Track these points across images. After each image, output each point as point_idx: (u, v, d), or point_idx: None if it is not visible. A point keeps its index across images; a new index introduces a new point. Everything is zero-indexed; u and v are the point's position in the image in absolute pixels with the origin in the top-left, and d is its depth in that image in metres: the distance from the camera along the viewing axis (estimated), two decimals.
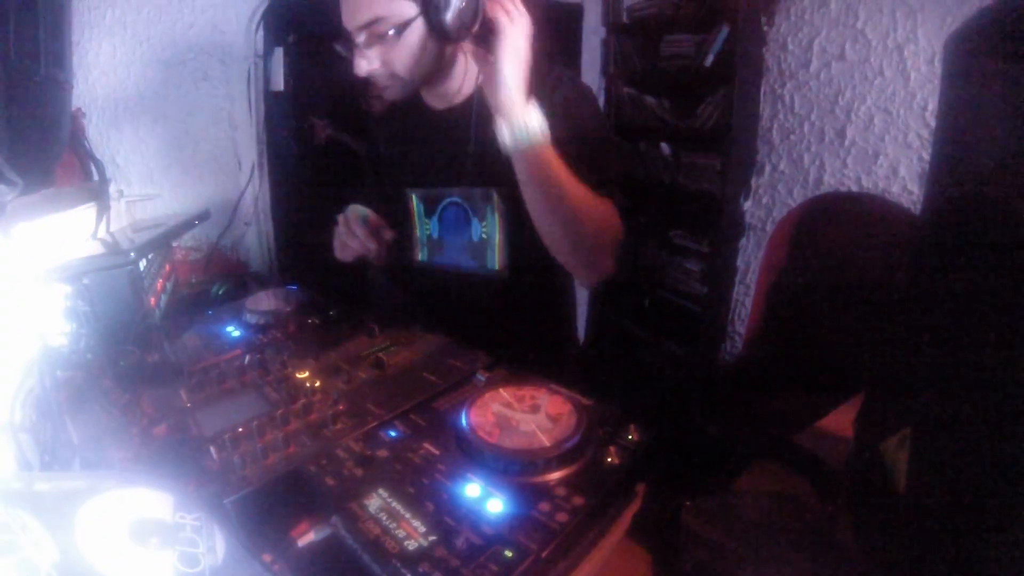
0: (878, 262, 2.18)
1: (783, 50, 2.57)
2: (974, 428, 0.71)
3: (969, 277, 0.75)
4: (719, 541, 1.09)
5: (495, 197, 1.20)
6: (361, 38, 1.07)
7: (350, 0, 1.06)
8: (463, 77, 1.21)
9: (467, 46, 1.18)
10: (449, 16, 1.00)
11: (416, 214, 1.33)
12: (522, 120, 0.97)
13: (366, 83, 1.16)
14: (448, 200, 1.28)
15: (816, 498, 1.19)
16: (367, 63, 1.09)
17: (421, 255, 1.36)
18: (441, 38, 1.05)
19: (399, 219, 1.33)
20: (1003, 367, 0.66)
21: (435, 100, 1.27)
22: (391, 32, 1.04)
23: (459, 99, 1.23)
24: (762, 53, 2.62)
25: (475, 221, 1.25)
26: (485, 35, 0.99)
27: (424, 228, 1.33)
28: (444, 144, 1.25)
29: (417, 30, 1.05)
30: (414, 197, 1.33)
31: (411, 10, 1.03)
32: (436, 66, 1.15)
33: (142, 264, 1.19)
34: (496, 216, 1.21)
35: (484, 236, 1.25)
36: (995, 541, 0.65)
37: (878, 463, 0.90)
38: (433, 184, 1.29)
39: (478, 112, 1.18)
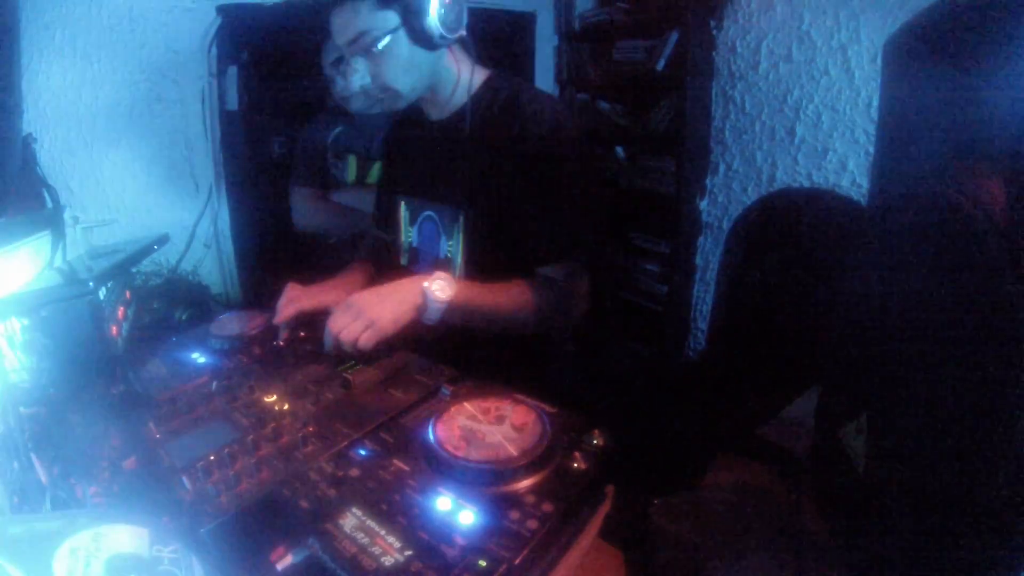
0: (831, 254, 2.25)
1: (732, 53, 2.63)
2: (926, 413, 0.74)
3: (915, 269, 0.80)
4: (688, 537, 1.12)
5: (461, 219, 1.22)
6: (350, 54, 1.10)
7: (337, 18, 1.08)
8: (456, 86, 1.22)
9: (461, 56, 1.21)
10: (430, 24, 1.04)
11: (403, 220, 1.37)
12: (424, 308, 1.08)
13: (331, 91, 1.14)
14: (425, 213, 1.31)
15: (782, 488, 1.22)
16: (359, 78, 1.11)
17: (403, 260, 1.39)
18: (425, 46, 1.08)
19: (391, 221, 1.40)
20: (951, 354, 0.70)
21: (431, 109, 1.29)
22: (377, 45, 1.06)
23: (451, 110, 1.24)
24: (712, 56, 2.68)
25: (443, 238, 1.28)
26: None
27: (407, 235, 1.37)
28: (432, 156, 1.28)
29: (402, 40, 1.07)
30: (402, 204, 1.37)
31: (393, 21, 1.05)
32: (431, 75, 1.17)
33: (102, 293, 1.17)
34: (460, 236, 1.23)
35: (449, 254, 1.27)
36: (951, 519, 0.69)
37: (838, 449, 0.94)
38: (418, 195, 1.33)
39: (468, 126, 1.20)
